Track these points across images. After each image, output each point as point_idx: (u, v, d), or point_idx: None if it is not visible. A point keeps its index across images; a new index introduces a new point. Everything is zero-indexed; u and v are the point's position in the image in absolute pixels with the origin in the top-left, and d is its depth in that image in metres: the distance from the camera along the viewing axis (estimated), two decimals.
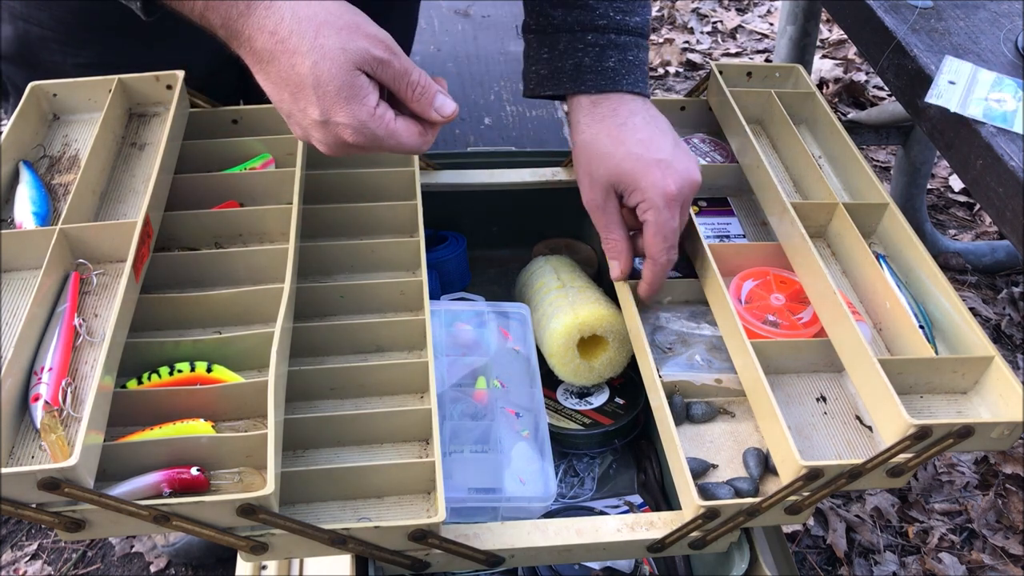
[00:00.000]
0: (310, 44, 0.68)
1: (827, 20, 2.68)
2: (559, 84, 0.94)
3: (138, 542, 1.50)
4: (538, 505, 0.89)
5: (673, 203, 0.86)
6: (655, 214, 0.86)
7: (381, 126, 0.71)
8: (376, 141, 0.71)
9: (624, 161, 0.88)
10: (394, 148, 0.73)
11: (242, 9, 0.69)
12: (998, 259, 2.06)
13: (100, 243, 0.79)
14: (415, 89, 0.72)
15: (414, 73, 0.72)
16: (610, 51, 0.92)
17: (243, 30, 0.70)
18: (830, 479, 0.71)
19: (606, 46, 0.92)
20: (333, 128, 0.71)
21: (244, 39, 0.71)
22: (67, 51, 0.98)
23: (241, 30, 0.70)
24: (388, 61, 0.70)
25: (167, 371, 0.77)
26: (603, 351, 1.00)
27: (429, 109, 0.74)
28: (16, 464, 0.66)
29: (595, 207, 0.92)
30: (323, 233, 0.95)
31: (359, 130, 0.70)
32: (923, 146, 1.88)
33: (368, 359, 0.86)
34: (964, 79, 0.98)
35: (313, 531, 0.67)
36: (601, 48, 0.92)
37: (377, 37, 0.70)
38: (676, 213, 0.87)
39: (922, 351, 0.78)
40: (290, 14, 0.69)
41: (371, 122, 0.70)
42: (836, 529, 1.55)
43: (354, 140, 0.71)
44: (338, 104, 0.69)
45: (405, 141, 0.73)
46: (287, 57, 0.69)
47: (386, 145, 0.72)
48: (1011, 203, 0.88)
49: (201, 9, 0.71)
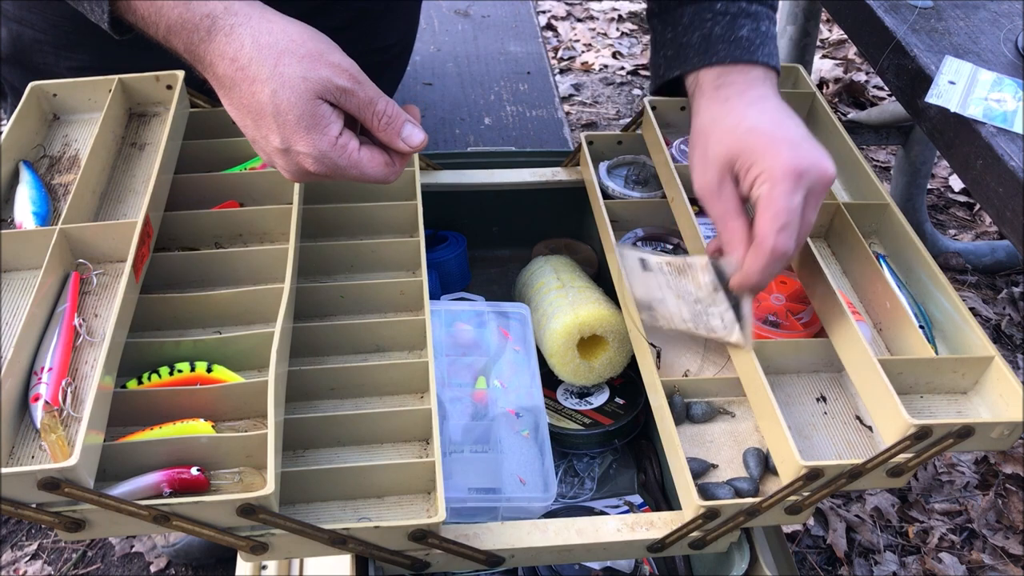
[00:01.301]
0: (270, 72, 0.68)
1: (827, 20, 2.68)
2: (685, 60, 0.83)
3: (138, 542, 1.50)
4: (538, 505, 0.89)
5: (796, 180, 0.72)
6: (770, 187, 0.72)
7: (343, 156, 0.70)
8: (338, 171, 0.71)
9: (747, 135, 0.76)
10: (358, 178, 0.72)
11: (203, 35, 0.70)
12: (998, 259, 2.06)
13: (100, 243, 0.79)
14: (380, 119, 0.71)
15: (380, 102, 0.71)
16: (742, 19, 0.82)
17: (204, 56, 0.70)
18: (830, 479, 0.71)
19: (737, 14, 0.82)
20: (294, 156, 0.70)
21: (206, 64, 0.71)
22: (60, 54, 0.98)
23: (203, 56, 0.70)
24: (351, 90, 0.69)
25: (167, 371, 0.77)
26: (603, 351, 1.00)
27: (396, 139, 0.72)
28: (16, 464, 0.66)
29: (708, 192, 0.78)
30: (323, 233, 0.95)
31: (320, 160, 0.69)
32: (923, 146, 1.88)
33: (368, 359, 0.86)
34: (964, 79, 0.98)
35: (313, 531, 0.67)
36: (732, 17, 0.82)
37: (341, 66, 0.69)
38: (797, 192, 0.72)
39: (922, 351, 0.78)
40: (251, 41, 0.69)
41: (332, 152, 0.69)
42: (836, 529, 1.55)
43: (316, 169, 0.70)
44: (298, 133, 0.68)
45: (369, 171, 0.72)
46: (247, 84, 0.68)
47: (349, 175, 0.72)
48: (1011, 203, 0.88)
49: (165, 32, 0.71)
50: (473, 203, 1.12)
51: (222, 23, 0.69)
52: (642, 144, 1.07)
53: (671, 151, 1.04)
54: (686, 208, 0.92)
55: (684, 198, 0.93)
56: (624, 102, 2.64)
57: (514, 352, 1.01)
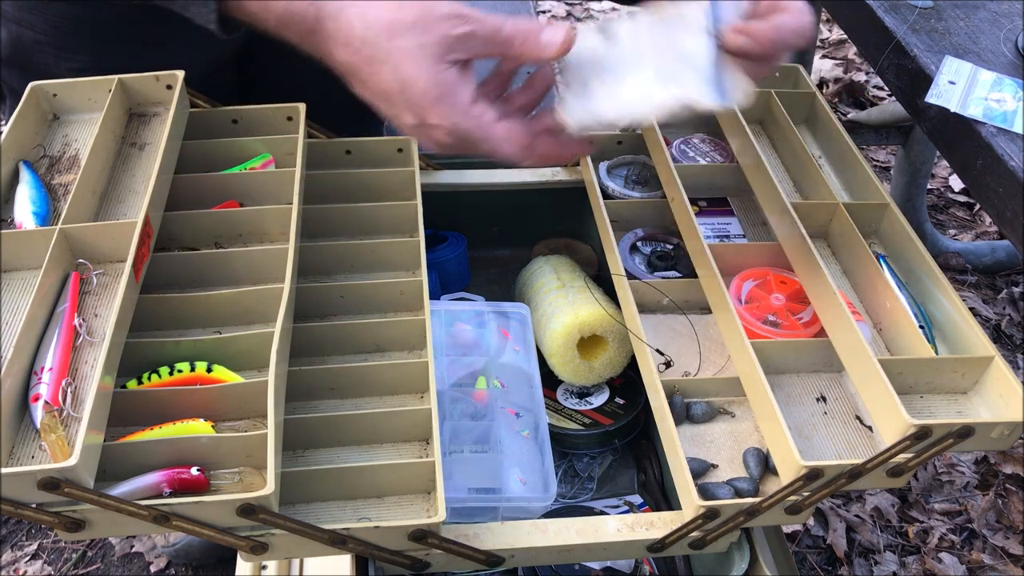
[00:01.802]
0: (385, 50, 0.63)
1: (827, 20, 2.68)
2: None
3: (138, 542, 1.50)
4: (538, 505, 0.89)
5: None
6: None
7: (477, 127, 0.65)
8: (473, 144, 0.66)
9: None
10: (492, 153, 0.66)
11: (312, 24, 0.66)
12: (998, 259, 2.06)
13: (100, 243, 0.79)
14: (515, 41, 0.64)
15: (505, 27, 0.64)
16: None
17: (319, 45, 0.67)
18: (830, 479, 0.71)
19: None
20: (429, 131, 0.66)
21: (324, 54, 0.67)
22: (60, 55, 0.98)
23: (317, 46, 0.67)
24: (472, 33, 0.63)
25: (167, 371, 0.77)
26: (603, 351, 1.00)
27: (538, 49, 0.65)
28: (16, 464, 0.66)
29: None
30: (323, 233, 0.95)
31: (453, 132, 0.65)
32: (923, 146, 1.88)
33: (368, 359, 0.86)
34: (964, 79, 0.98)
35: (313, 531, 0.67)
36: None
37: (451, 14, 0.63)
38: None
39: (922, 351, 0.78)
40: (359, 21, 0.64)
41: (464, 122, 0.64)
42: (836, 529, 1.55)
43: (451, 141, 0.66)
44: (428, 107, 0.64)
45: (503, 147, 0.66)
46: (367, 67, 0.65)
47: (483, 149, 0.66)
48: (1011, 203, 0.88)
49: (276, 26, 0.68)
50: (473, 203, 1.12)
51: (327, 8, 0.65)
52: (642, 144, 1.08)
53: (671, 151, 1.05)
54: (686, 208, 0.92)
55: (684, 198, 0.93)
56: None
57: (514, 352, 1.01)
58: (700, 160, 1.06)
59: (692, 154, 1.06)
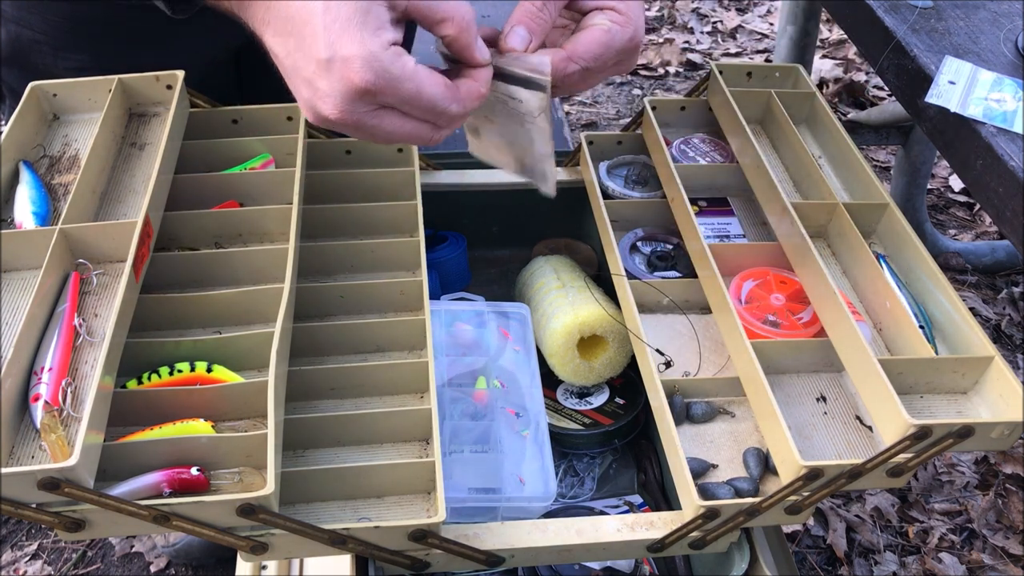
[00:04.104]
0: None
1: (827, 20, 2.68)
2: None
3: (138, 542, 1.50)
4: (538, 505, 0.89)
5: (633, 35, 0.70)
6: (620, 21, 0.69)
7: (396, 63, 0.59)
8: (392, 81, 0.59)
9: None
10: (414, 96, 0.61)
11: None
12: (998, 259, 2.06)
13: (100, 243, 0.79)
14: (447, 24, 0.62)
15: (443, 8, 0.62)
16: None
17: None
18: (830, 479, 0.71)
19: None
20: (339, 68, 0.59)
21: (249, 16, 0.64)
22: (58, 55, 0.98)
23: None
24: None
25: (167, 371, 0.77)
26: (603, 351, 1.00)
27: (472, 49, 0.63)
28: (16, 464, 0.66)
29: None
30: (323, 233, 0.95)
31: (369, 63, 0.58)
32: (923, 146, 1.88)
33: (368, 359, 0.86)
34: (964, 79, 0.98)
35: (313, 531, 0.67)
36: None
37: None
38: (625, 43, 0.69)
39: (922, 351, 0.78)
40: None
41: (384, 55, 0.59)
42: (836, 529, 1.55)
43: (363, 79, 0.58)
44: (347, 32, 0.58)
45: (428, 88, 0.61)
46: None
47: (405, 89, 0.60)
48: (1011, 203, 0.88)
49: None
50: (473, 203, 1.12)
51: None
52: (642, 144, 1.08)
53: (671, 151, 1.05)
54: (686, 208, 0.92)
55: (684, 198, 0.93)
56: (624, 102, 2.64)
57: (514, 352, 1.01)
58: (700, 160, 1.06)
59: (692, 154, 1.06)
